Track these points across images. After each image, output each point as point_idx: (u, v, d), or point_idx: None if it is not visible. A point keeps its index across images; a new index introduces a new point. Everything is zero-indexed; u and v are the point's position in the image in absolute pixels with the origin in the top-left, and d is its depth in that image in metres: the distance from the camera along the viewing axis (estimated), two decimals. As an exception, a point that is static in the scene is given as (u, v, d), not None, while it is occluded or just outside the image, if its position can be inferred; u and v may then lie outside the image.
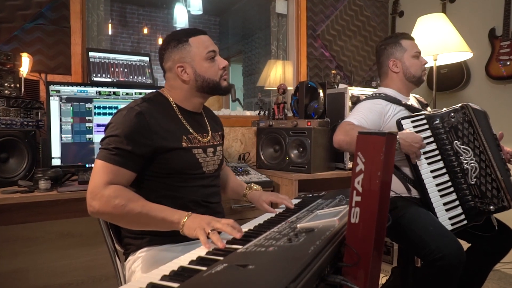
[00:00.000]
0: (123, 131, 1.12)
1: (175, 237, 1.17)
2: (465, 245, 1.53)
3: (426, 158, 1.57)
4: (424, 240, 1.40)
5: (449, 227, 1.51)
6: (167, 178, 1.20)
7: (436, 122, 1.61)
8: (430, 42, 2.40)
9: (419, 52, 1.81)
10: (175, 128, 1.23)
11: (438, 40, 2.38)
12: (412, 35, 2.44)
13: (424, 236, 1.41)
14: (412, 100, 1.87)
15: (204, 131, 1.33)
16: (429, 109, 1.92)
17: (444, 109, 1.66)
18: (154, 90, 1.33)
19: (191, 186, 1.24)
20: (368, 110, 1.67)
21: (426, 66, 1.83)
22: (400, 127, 1.60)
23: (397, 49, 1.80)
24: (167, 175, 1.20)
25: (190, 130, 1.27)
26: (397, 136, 1.52)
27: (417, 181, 1.58)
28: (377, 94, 1.76)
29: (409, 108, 1.72)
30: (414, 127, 1.60)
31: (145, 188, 1.20)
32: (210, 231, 0.96)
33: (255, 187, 1.48)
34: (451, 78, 2.85)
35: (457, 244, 1.36)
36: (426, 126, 1.61)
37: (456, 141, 1.59)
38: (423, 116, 1.62)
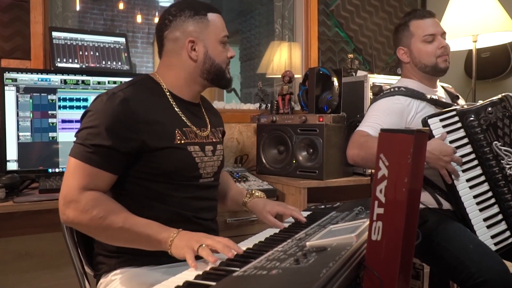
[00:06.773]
0: (103, 121, 1.12)
1: (157, 258, 1.17)
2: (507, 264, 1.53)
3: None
4: (462, 261, 1.40)
5: (493, 247, 1.51)
6: (153, 182, 1.20)
7: (471, 119, 1.59)
8: (469, 20, 2.39)
9: (432, 35, 1.73)
10: (168, 119, 1.23)
11: (478, 18, 2.37)
12: (447, 11, 2.44)
13: (462, 257, 1.41)
14: (440, 91, 1.86)
15: (202, 124, 1.35)
16: (461, 101, 1.92)
17: (480, 101, 1.66)
18: (132, 78, 1.32)
19: (182, 197, 1.24)
20: (385, 112, 1.67)
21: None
22: (427, 128, 1.58)
23: (405, 34, 1.80)
24: (154, 178, 1.20)
25: (187, 123, 1.28)
26: None
27: (451, 194, 1.57)
28: (396, 89, 1.76)
29: (436, 102, 1.72)
30: (444, 126, 1.58)
31: (124, 195, 1.20)
32: (199, 247, 0.99)
33: (257, 194, 1.49)
34: (494, 64, 2.85)
35: (502, 267, 1.37)
36: (459, 125, 1.60)
37: (495, 142, 1.58)
38: (454, 113, 1.61)
